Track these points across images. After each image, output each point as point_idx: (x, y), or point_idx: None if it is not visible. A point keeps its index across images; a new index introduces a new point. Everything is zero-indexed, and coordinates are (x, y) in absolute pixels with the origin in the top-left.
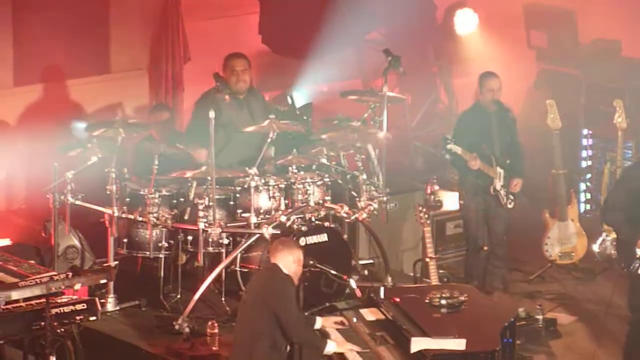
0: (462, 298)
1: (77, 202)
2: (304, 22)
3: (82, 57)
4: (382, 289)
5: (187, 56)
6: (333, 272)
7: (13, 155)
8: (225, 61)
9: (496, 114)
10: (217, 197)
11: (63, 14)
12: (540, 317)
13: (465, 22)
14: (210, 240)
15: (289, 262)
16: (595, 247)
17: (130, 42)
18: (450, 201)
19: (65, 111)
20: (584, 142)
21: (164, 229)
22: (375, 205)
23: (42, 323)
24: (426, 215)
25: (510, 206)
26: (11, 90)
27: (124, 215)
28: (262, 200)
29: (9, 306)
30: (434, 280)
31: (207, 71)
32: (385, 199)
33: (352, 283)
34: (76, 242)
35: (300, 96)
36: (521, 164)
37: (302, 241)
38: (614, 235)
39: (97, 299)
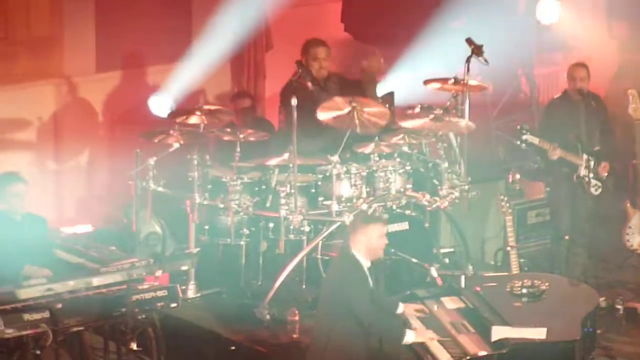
0: (543, 287)
1: (159, 189)
2: (388, 10)
3: (164, 44)
4: (463, 277)
5: (269, 44)
6: (414, 260)
7: (95, 142)
8: (306, 48)
9: (584, 103)
10: (298, 184)
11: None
12: (620, 306)
13: (548, 11)
14: (291, 227)
15: (361, 242)
16: None
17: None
18: (532, 190)
19: (146, 98)
20: None
21: (245, 216)
22: (457, 194)
23: (123, 309)
24: (508, 204)
25: (596, 193)
26: (94, 77)
27: (205, 202)
28: (343, 188)
29: (90, 292)
30: (515, 269)
31: (288, 59)
32: (467, 187)
33: (433, 271)
34: (158, 229)
35: (382, 85)
36: (610, 148)
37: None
38: None
39: (178, 285)
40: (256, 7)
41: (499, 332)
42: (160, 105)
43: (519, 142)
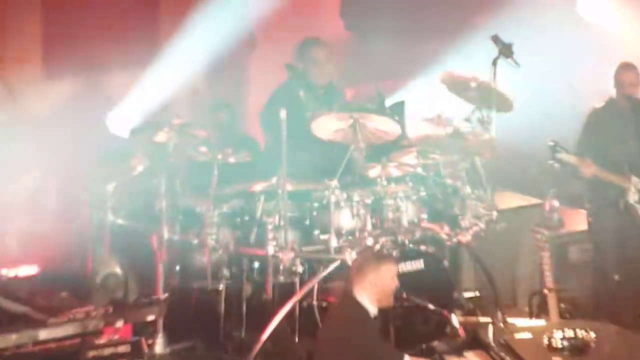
0: (589, 338)
1: (119, 221)
2: (396, 3)
3: (125, 46)
4: (490, 327)
5: (253, 44)
6: (431, 306)
7: (42, 160)
8: (301, 50)
9: (633, 113)
10: (289, 214)
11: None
12: None
13: (593, 8)
14: (281, 267)
15: (367, 285)
16: None
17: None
18: (575, 220)
19: (103, 111)
20: None
21: (225, 254)
22: (483, 225)
23: None
24: (544, 237)
25: None
26: (40, 84)
27: (176, 238)
28: (344, 219)
29: (37, 347)
30: (555, 316)
31: (277, 62)
32: (494, 217)
33: (454, 320)
34: (118, 270)
35: (390, 92)
36: None
37: None
38: None
39: (143, 339)
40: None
41: None
42: (121, 119)
43: (552, 162)
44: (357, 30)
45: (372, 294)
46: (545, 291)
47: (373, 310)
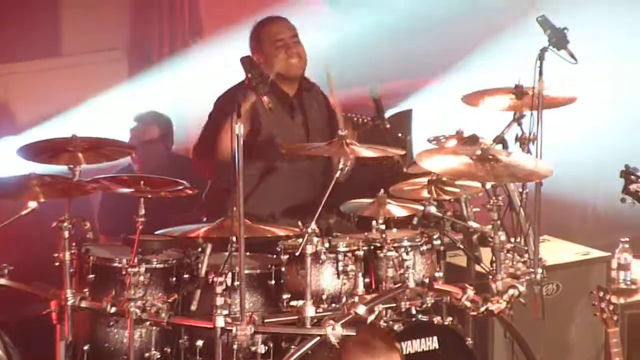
0: None
1: (2, 282)
2: None
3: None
4: None
5: (196, 31)
6: None
7: None
8: (258, 32)
9: None
10: (247, 271)
11: None
12: None
13: None
14: (235, 347)
15: None
16: None
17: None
18: None
19: None
20: None
21: (154, 328)
22: (522, 288)
23: None
24: (612, 306)
25: None
26: None
27: (84, 304)
28: (325, 279)
29: None
30: None
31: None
32: (539, 276)
33: None
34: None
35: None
36: None
37: None
38: None
39: None
40: None
41: None
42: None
43: (624, 197)
44: (344, 6)
45: None
46: None
47: None
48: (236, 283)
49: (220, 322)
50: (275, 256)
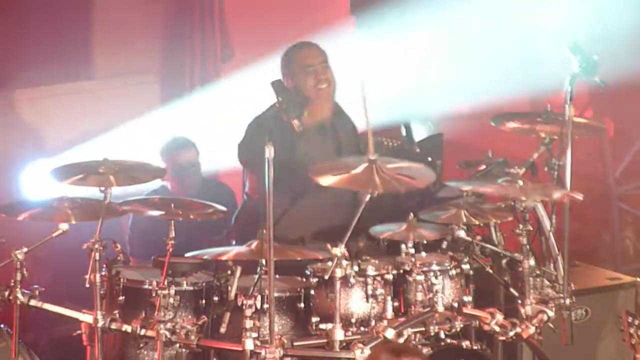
0: None
1: (32, 302)
2: None
3: (43, 55)
4: None
5: (227, 52)
6: None
7: None
8: (288, 57)
9: None
10: (277, 294)
11: None
12: None
13: None
14: None
15: None
16: None
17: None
18: None
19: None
20: None
21: (184, 350)
22: (551, 313)
23: None
24: None
25: None
26: None
27: (114, 326)
28: (354, 302)
29: None
30: None
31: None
32: (568, 301)
33: None
34: None
35: (422, 123)
36: None
37: None
38: None
39: None
40: None
41: None
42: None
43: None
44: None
45: None
46: None
47: None
48: (265, 306)
49: (249, 344)
50: (304, 279)
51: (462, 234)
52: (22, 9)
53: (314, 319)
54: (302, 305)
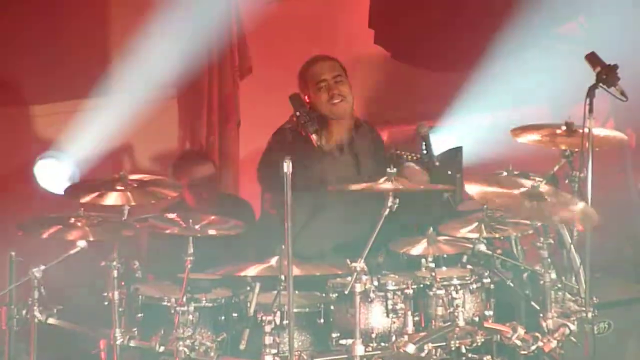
0: None
1: (51, 320)
2: (450, 9)
3: (60, 71)
4: None
5: (245, 68)
6: None
7: None
8: (303, 72)
9: None
10: (296, 310)
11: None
12: None
13: None
14: None
15: None
16: None
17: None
18: None
19: (29, 160)
20: None
21: None
22: (574, 327)
23: None
24: None
25: None
26: None
27: (133, 344)
28: (374, 317)
29: None
30: None
31: (278, 93)
32: (590, 315)
33: None
34: None
35: (441, 135)
36: None
37: None
38: None
39: None
40: (222, 8)
41: None
42: (53, 172)
43: None
44: (392, 45)
45: None
46: None
47: None
48: (285, 322)
49: (269, 359)
50: (324, 294)
51: (482, 247)
52: (40, 27)
53: (334, 335)
54: (322, 320)
